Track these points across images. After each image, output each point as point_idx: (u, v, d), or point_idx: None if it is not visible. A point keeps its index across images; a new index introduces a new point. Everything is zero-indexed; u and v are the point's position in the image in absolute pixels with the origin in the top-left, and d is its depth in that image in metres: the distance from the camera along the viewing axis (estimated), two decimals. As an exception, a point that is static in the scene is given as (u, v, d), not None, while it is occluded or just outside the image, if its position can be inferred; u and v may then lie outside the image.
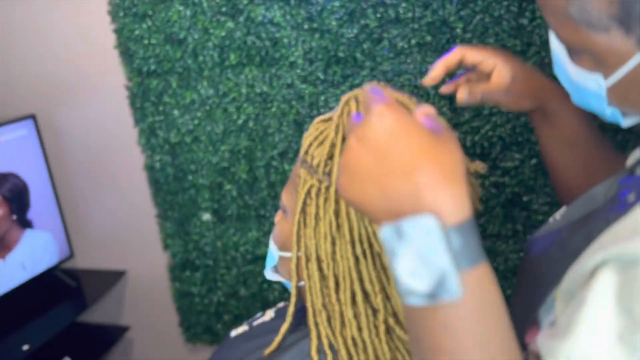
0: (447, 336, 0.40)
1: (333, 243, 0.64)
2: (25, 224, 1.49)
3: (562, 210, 0.63)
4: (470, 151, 1.21)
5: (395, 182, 0.40)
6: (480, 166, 0.64)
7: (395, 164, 0.41)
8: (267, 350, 0.70)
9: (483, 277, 0.41)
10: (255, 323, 0.82)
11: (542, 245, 0.59)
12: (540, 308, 0.54)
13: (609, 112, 0.54)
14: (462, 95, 0.69)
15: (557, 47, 0.56)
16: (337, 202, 0.64)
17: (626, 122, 0.54)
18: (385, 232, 0.41)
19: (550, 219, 0.63)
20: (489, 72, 0.70)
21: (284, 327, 0.70)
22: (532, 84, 0.70)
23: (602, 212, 0.52)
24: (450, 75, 0.76)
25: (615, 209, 0.49)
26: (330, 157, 0.64)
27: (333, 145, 0.64)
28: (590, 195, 0.59)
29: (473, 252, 0.40)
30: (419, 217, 0.39)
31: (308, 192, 0.66)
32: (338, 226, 0.64)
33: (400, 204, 0.40)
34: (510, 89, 0.69)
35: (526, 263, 0.61)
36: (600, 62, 0.50)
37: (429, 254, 0.39)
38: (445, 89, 0.75)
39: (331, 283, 0.64)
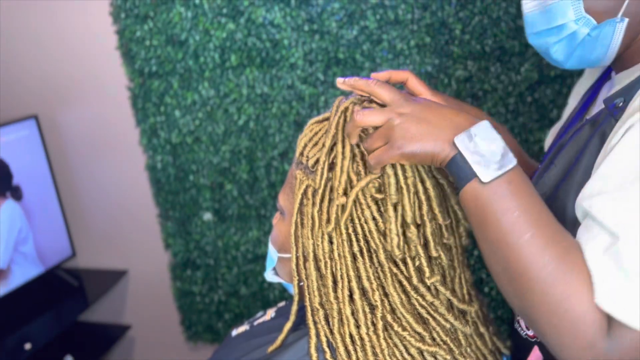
0: (505, 201, 0.55)
1: (330, 242, 0.65)
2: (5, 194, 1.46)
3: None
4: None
5: (450, 119, 0.58)
6: None
7: (445, 111, 0.59)
8: (271, 348, 0.71)
9: (519, 170, 0.56)
10: (256, 323, 0.82)
11: (539, 177, 0.68)
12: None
13: (582, 24, 0.60)
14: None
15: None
16: (333, 201, 0.64)
17: (594, 33, 0.61)
18: (460, 139, 0.57)
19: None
20: None
21: (288, 325, 0.71)
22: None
23: (598, 129, 0.60)
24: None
25: (612, 116, 0.59)
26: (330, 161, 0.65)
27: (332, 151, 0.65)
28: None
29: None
30: (479, 123, 0.57)
31: (304, 193, 0.67)
32: (335, 224, 0.64)
33: (463, 127, 0.57)
34: None
35: None
36: None
37: (492, 140, 0.56)
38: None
39: (329, 281, 0.65)
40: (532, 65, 1.16)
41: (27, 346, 1.34)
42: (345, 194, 0.64)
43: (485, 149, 0.56)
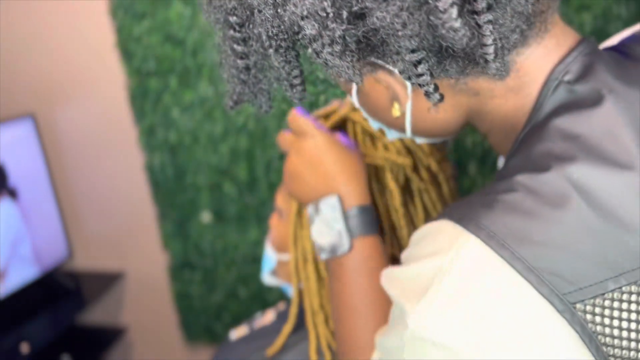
0: (338, 283, 0.60)
1: None
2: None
3: None
4: (471, 152, 1.20)
5: (321, 182, 0.62)
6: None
7: (321, 171, 0.62)
8: (271, 350, 0.70)
9: (370, 245, 0.60)
10: (255, 323, 0.82)
11: None
12: None
13: (376, 125, 0.59)
14: None
15: None
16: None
17: (390, 135, 0.59)
18: (308, 209, 0.62)
19: None
20: None
21: (287, 327, 0.70)
22: None
23: None
24: None
25: None
26: None
27: None
28: None
29: (365, 227, 0.60)
30: (329, 197, 0.61)
31: None
32: None
33: (321, 194, 0.62)
34: None
35: None
36: None
37: (332, 221, 0.60)
38: None
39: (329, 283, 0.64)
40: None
41: (24, 349, 1.33)
42: None
43: (319, 230, 0.60)
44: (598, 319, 0.39)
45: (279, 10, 0.40)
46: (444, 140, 0.66)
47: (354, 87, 0.54)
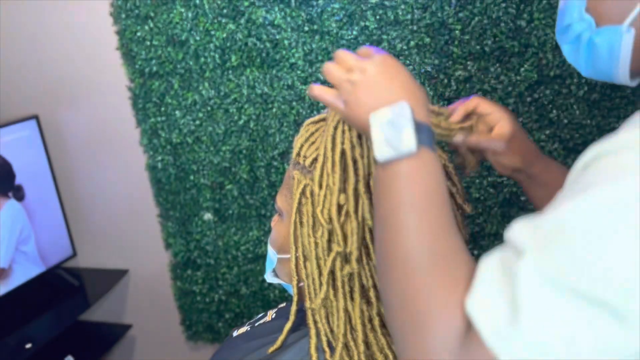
0: (400, 188, 0.51)
1: (330, 240, 0.65)
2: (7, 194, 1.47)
3: None
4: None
5: (396, 90, 0.55)
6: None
7: (399, 79, 0.56)
8: (271, 349, 0.71)
9: (429, 159, 0.52)
10: (257, 324, 0.82)
11: None
12: None
13: (585, 26, 0.56)
14: (459, 138, 0.74)
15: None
16: (329, 199, 0.64)
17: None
18: (371, 118, 0.53)
19: None
20: (492, 125, 0.76)
21: (288, 325, 0.71)
22: (524, 145, 0.77)
23: None
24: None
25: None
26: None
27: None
28: None
29: (431, 141, 0.53)
30: (398, 103, 0.53)
31: (303, 192, 0.67)
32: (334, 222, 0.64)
33: (391, 102, 0.54)
34: (507, 145, 0.75)
35: None
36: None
37: (399, 120, 0.52)
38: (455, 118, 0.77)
39: (329, 280, 0.65)
40: (532, 66, 1.16)
41: (28, 346, 1.34)
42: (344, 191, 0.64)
43: (387, 119, 0.52)
44: None
45: None
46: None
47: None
